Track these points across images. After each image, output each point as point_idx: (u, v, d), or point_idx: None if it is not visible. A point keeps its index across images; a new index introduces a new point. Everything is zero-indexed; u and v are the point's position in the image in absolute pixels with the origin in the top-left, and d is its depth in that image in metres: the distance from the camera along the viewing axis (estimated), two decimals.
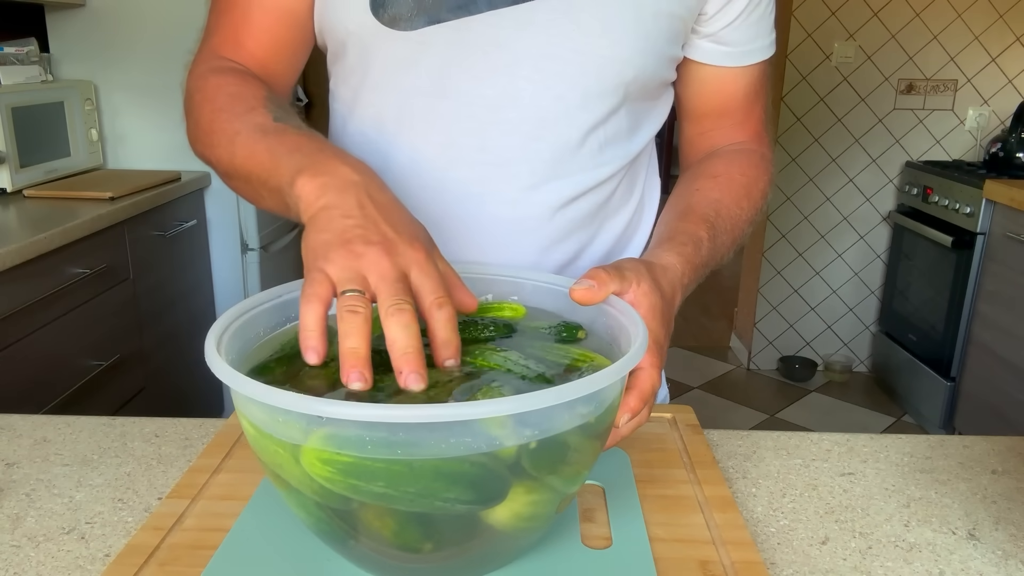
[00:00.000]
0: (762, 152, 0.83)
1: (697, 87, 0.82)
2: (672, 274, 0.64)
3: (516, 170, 0.75)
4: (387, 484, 0.43)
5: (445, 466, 0.43)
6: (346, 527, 0.48)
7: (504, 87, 0.72)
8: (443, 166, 0.75)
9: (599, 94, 0.74)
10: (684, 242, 0.68)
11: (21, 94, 2.08)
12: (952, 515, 0.63)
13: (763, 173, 0.81)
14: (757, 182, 0.80)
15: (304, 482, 0.45)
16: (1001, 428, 2.46)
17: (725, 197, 0.76)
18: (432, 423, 0.42)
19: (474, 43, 0.71)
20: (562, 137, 0.75)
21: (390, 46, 0.72)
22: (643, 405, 0.55)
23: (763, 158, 0.82)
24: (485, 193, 0.76)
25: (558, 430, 0.45)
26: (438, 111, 0.74)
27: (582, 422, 0.46)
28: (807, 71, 3.09)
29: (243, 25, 0.75)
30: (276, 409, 0.44)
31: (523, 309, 0.64)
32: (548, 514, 0.50)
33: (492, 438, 0.43)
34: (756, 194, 0.79)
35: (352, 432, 0.42)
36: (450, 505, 0.44)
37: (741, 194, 0.77)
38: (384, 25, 0.71)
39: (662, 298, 0.60)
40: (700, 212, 0.73)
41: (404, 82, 0.74)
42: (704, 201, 0.75)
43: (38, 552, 0.57)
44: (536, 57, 0.71)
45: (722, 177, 0.78)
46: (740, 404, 3.17)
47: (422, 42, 0.71)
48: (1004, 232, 2.48)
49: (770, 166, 0.83)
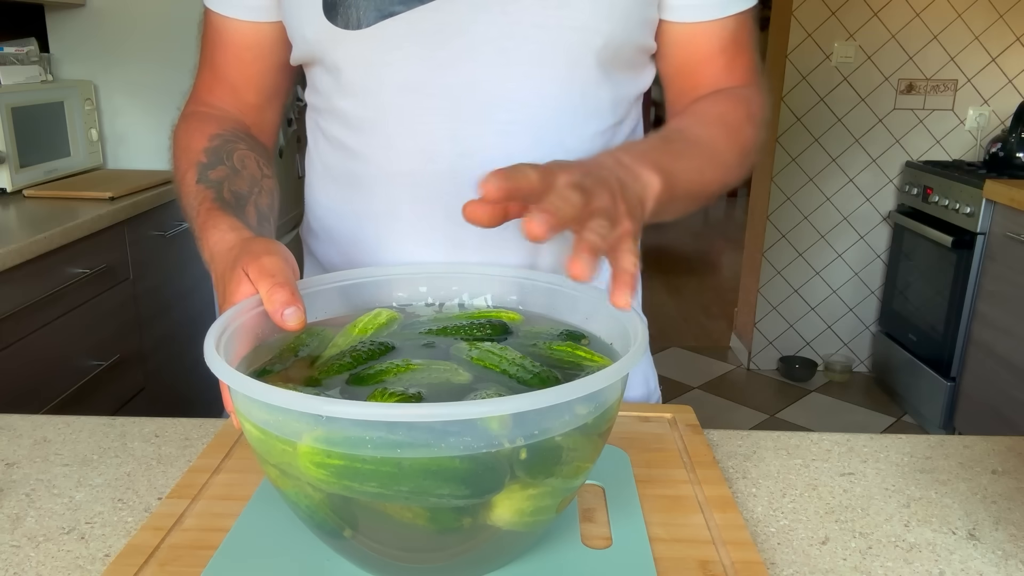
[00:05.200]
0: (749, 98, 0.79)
1: (673, 48, 0.78)
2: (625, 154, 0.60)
3: (492, 157, 0.73)
4: (380, 484, 0.43)
5: (434, 464, 0.43)
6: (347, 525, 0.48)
7: (468, 74, 0.71)
8: (418, 162, 0.74)
9: (568, 67, 0.71)
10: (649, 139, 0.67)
11: (21, 94, 2.08)
12: (952, 515, 0.63)
13: (740, 103, 0.77)
14: (734, 110, 0.76)
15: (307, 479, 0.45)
16: (1001, 428, 2.46)
17: (692, 123, 0.73)
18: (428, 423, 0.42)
19: (431, 32, 0.70)
20: (536, 119, 0.73)
21: (348, 47, 0.72)
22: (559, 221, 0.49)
23: (741, 94, 0.78)
24: (462, 185, 0.74)
25: (557, 431, 0.45)
26: (406, 106, 0.73)
27: (580, 423, 0.46)
28: (807, 71, 3.09)
29: (216, 66, 0.81)
30: (275, 408, 0.44)
31: (519, 316, 0.64)
32: (550, 510, 0.50)
33: (492, 437, 0.43)
34: (735, 119, 0.75)
35: (343, 434, 0.43)
36: (446, 501, 0.44)
37: (711, 120, 0.74)
38: (339, 28, 0.71)
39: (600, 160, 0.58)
40: (668, 130, 0.72)
41: (368, 82, 0.73)
42: (666, 129, 0.72)
43: (38, 552, 0.57)
44: (496, 38, 0.69)
45: (689, 112, 0.76)
46: (740, 404, 3.17)
47: (377, 38, 0.71)
48: (1004, 232, 2.48)
49: (757, 98, 0.79)
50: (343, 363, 0.55)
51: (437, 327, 0.62)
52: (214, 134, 0.77)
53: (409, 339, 0.60)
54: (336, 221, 0.81)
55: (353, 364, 0.55)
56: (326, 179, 0.81)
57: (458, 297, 0.68)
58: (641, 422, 0.73)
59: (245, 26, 0.78)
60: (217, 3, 0.79)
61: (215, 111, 0.81)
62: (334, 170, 0.80)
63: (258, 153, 0.79)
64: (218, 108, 0.82)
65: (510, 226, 0.75)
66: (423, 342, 0.60)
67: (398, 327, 0.63)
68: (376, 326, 0.61)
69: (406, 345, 0.59)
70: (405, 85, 0.72)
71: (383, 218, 0.77)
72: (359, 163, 0.77)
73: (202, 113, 0.81)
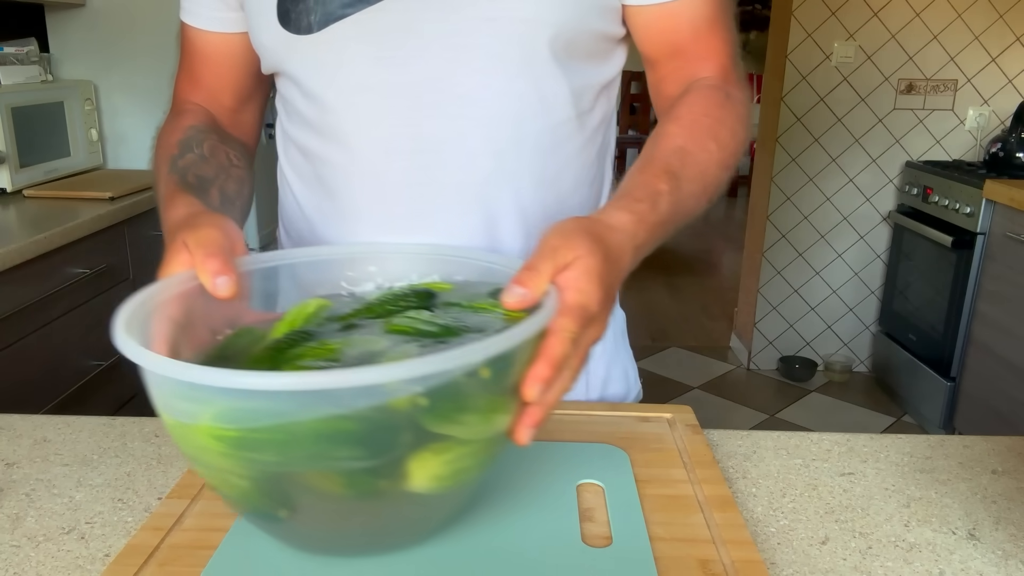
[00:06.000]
0: (727, 91, 0.76)
1: (644, 32, 0.76)
2: (621, 234, 0.59)
3: (451, 153, 0.73)
4: (277, 453, 0.45)
5: (325, 427, 0.44)
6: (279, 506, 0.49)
7: (421, 72, 0.71)
8: (379, 161, 0.74)
9: (522, 60, 0.71)
10: (640, 198, 0.63)
11: (21, 94, 2.08)
12: (952, 515, 0.63)
13: (729, 113, 0.74)
14: (723, 122, 0.73)
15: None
16: (1001, 428, 2.46)
17: (689, 143, 0.70)
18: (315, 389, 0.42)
19: (381, 32, 0.70)
20: (493, 113, 0.72)
21: (302, 52, 0.73)
22: (553, 371, 0.50)
23: (729, 97, 0.76)
24: (423, 182, 0.74)
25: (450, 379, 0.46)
26: (362, 107, 0.73)
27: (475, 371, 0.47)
28: (807, 71, 3.09)
29: (193, 72, 0.84)
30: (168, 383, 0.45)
31: (450, 286, 0.64)
32: (468, 472, 0.50)
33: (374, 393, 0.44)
34: (724, 134, 0.72)
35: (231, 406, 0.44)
36: (347, 463, 0.45)
37: (706, 137, 0.71)
38: (292, 33, 0.72)
39: (605, 259, 0.56)
40: (662, 162, 0.68)
41: (323, 85, 0.74)
42: (667, 149, 0.70)
43: (38, 552, 0.57)
44: (446, 35, 0.69)
45: (685, 119, 0.73)
46: (740, 404, 3.17)
47: (327, 41, 0.71)
48: (1004, 232, 2.48)
49: (740, 106, 0.76)
50: (261, 355, 0.55)
51: (363, 306, 0.62)
52: (188, 126, 0.79)
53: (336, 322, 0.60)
54: (305, 224, 0.82)
55: (273, 355, 0.55)
56: (295, 183, 0.82)
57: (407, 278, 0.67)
58: (641, 422, 0.73)
59: (216, 37, 0.81)
60: (189, 16, 0.82)
61: (193, 107, 0.83)
62: (301, 174, 0.81)
63: (230, 146, 0.81)
64: (197, 106, 0.84)
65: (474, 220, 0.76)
66: (348, 323, 0.60)
67: (327, 313, 0.62)
68: (304, 317, 0.61)
69: (329, 329, 0.59)
70: (360, 86, 0.72)
71: (348, 219, 0.78)
72: (322, 165, 0.78)
73: (181, 111, 0.83)
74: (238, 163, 0.80)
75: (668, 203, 0.65)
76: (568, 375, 0.53)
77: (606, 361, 0.86)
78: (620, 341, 0.89)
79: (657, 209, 0.63)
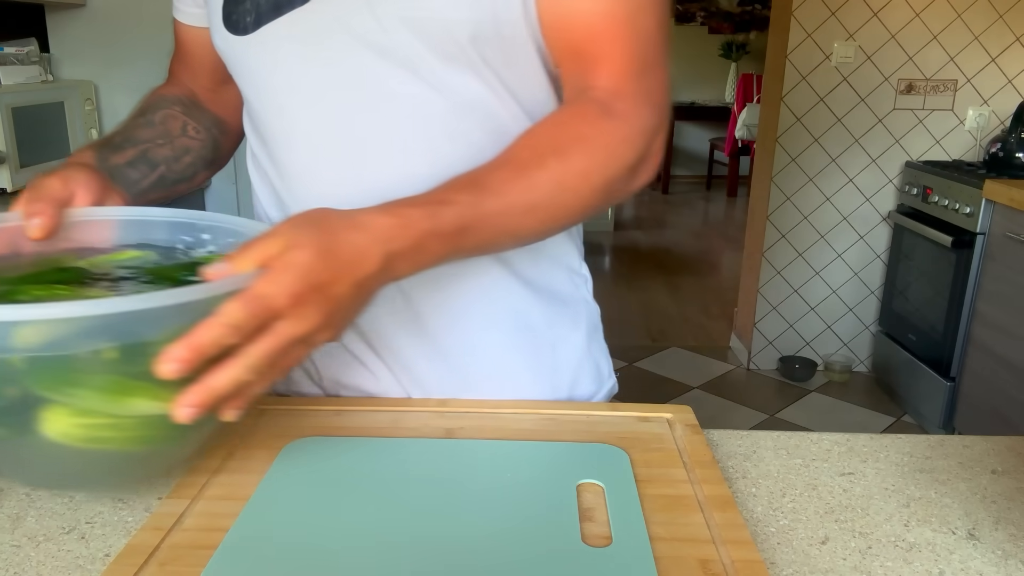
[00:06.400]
0: (611, 106, 0.67)
1: (545, 29, 0.70)
2: (364, 235, 0.56)
3: (384, 153, 0.73)
4: None
5: None
6: None
7: (350, 71, 0.71)
8: (313, 164, 0.75)
9: (448, 59, 0.69)
10: (417, 203, 0.59)
11: (21, 94, 2.08)
12: (952, 515, 0.63)
13: (598, 131, 0.66)
14: (584, 139, 0.65)
15: None
16: (1001, 428, 2.46)
17: (522, 156, 0.65)
18: None
19: (309, 32, 0.71)
20: (423, 113, 0.71)
21: (242, 53, 0.75)
22: (191, 353, 0.48)
23: (607, 113, 0.67)
24: (359, 181, 0.73)
25: (64, 360, 0.48)
26: (295, 107, 0.74)
27: (98, 346, 0.48)
28: (807, 71, 3.10)
29: (177, 52, 0.90)
30: None
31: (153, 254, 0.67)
32: (116, 440, 0.52)
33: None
34: (577, 153, 0.65)
35: None
36: None
37: (548, 152, 0.65)
38: (232, 34, 0.74)
39: (321, 257, 0.53)
40: (474, 173, 0.64)
41: (260, 85, 0.76)
42: (492, 162, 0.65)
43: (38, 552, 0.57)
44: (369, 33, 0.69)
45: (533, 131, 0.67)
46: (740, 404, 3.17)
47: (261, 42, 0.73)
48: (1004, 232, 2.48)
49: (623, 126, 0.67)
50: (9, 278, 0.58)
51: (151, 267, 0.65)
52: (159, 95, 0.86)
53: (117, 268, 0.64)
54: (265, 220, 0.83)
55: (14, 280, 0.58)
56: (254, 180, 0.84)
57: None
58: (641, 422, 0.74)
59: (191, 29, 0.87)
60: (174, 9, 0.88)
61: (176, 81, 0.90)
62: (255, 172, 0.83)
63: (196, 119, 0.86)
64: (180, 80, 0.90)
65: None
66: (124, 274, 0.63)
67: (141, 263, 0.65)
68: (109, 261, 0.65)
69: (110, 278, 0.62)
70: (292, 86, 0.73)
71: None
72: (266, 164, 0.80)
73: (166, 83, 0.90)
74: (195, 135, 0.86)
75: (459, 215, 0.60)
76: (249, 366, 0.51)
77: (576, 358, 0.85)
78: (593, 335, 0.87)
79: (437, 218, 0.59)
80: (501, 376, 0.81)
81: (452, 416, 0.74)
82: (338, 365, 0.81)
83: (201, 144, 0.86)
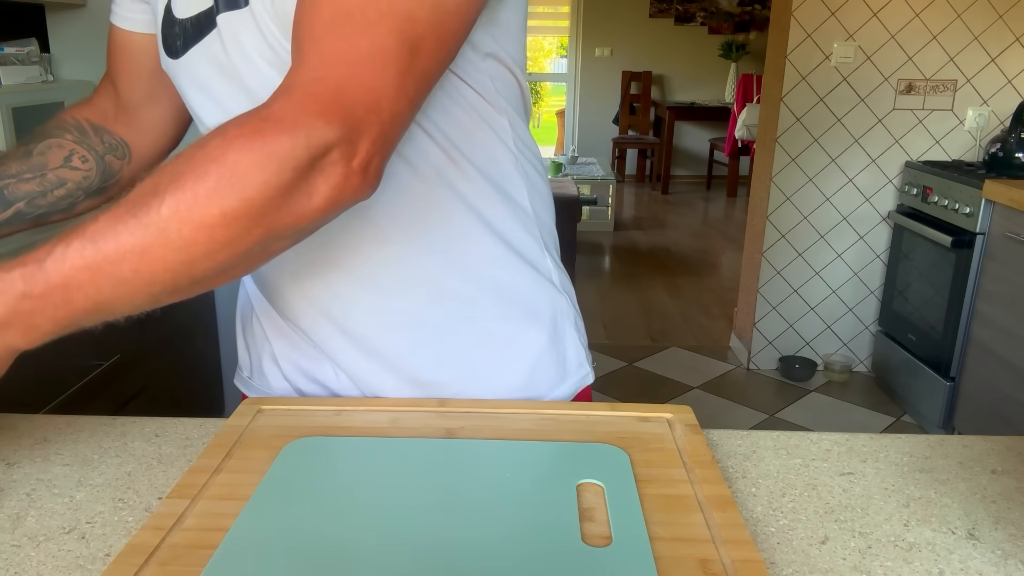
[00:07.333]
0: (266, 116, 0.56)
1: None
2: None
3: None
4: None
5: None
6: None
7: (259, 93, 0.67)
8: None
9: None
10: (14, 265, 0.55)
11: (21, 94, 2.08)
12: (952, 515, 0.63)
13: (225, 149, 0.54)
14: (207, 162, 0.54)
15: None
16: (1001, 428, 2.46)
17: (140, 189, 0.56)
18: None
19: (219, 54, 0.70)
20: None
21: (177, 76, 0.76)
22: None
23: (258, 125, 0.55)
24: None
25: None
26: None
27: None
28: (807, 71, 3.10)
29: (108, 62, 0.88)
30: None
31: None
32: None
33: None
34: (198, 177, 0.54)
35: None
36: None
37: (150, 195, 0.54)
38: (169, 57, 0.75)
39: None
40: (85, 223, 0.55)
41: (192, 107, 0.77)
42: (119, 202, 0.56)
43: (38, 552, 0.57)
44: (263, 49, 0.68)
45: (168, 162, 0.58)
46: (740, 404, 3.17)
47: (184, 66, 0.74)
48: (1003, 232, 2.48)
49: (271, 140, 0.54)
50: None
51: None
52: (61, 118, 0.85)
53: None
54: None
55: None
56: None
57: None
58: (641, 422, 0.74)
59: (130, 35, 0.85)
60: (111, 14, 0.86)
61: (92, 99, 0.89)
62: None
63: (86, 146, 0.86)
64: (96, 98, 0.89)
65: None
66: None
67: None
68: None
69: None
70: (218, 107, 0.73)
71: None
72: None
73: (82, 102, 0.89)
74: (79, 165, 0.85)
75: (54, 271, 0.54)
76: None
77: (535, 351, 0.82)
78: (562, 325, 0.84)
79: (31, 279, 0.54)
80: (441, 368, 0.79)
81: (452, 416, 0.74)
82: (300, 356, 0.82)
83: (83, 175, 0.86)
